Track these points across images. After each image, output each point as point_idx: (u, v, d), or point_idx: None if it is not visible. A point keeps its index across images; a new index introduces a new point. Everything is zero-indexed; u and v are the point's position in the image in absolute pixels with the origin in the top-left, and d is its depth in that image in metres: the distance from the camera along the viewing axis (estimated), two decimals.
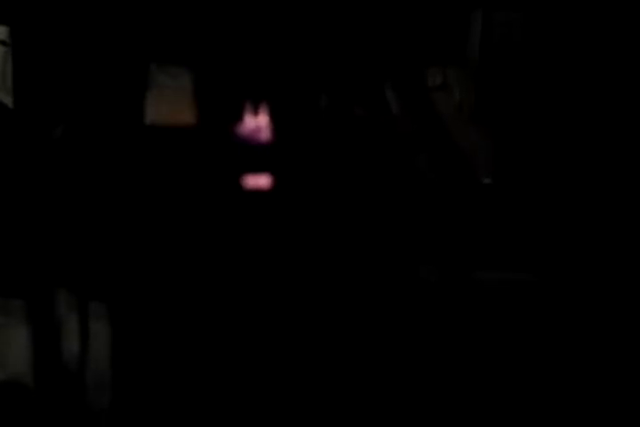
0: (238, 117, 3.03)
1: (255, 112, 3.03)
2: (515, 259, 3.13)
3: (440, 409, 2.83)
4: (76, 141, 2.98)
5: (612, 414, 2.81)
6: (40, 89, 3.01)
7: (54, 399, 2.79)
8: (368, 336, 2.96)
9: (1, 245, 2.99)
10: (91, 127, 2.98)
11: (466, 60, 3.27)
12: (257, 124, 3.02)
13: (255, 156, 3.02)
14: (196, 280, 2.97)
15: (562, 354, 2.96)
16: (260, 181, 3.02)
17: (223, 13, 3.05)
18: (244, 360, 2.88)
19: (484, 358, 2.93)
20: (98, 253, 2.98)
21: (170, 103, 3.02)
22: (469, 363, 2.91)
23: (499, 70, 3.25)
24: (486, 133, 3.27)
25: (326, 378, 2.85)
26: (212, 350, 2.90)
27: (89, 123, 2.98)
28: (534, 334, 3.00)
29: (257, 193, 3.02)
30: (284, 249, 3.02)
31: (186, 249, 2.99)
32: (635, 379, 2.88)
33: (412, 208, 3.14)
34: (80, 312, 2.92)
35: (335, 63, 3.10)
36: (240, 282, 2.99)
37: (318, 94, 3.08)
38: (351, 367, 2.89)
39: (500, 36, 3.24)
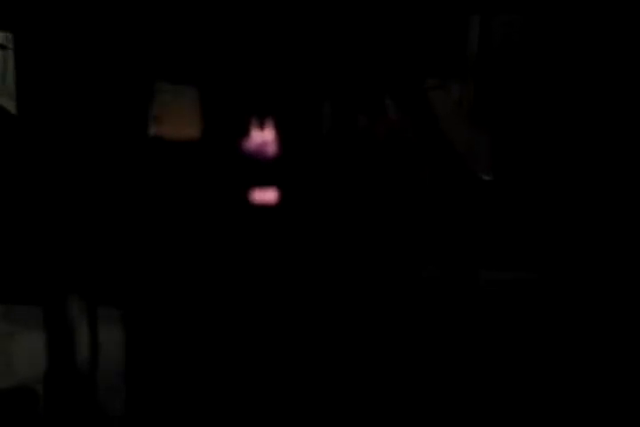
0: (245, 132, 3.04)
1: (261, 126, 3.04)
2: (515, 257, 3.19)
3: (442, 408, 2.93)
4: (85, 152, 2.99)
5: (613, 413, 2.91)
6: (44, 95, 3.00)
7: (66, 403, 2.87)
8: (374, 336, 3.04)
9: (12, 252, 3.03)
10: (97, 140, 2.99)
11: (465, 57, 3.27)
12: (263, 138, 3.03)
13: (262, 170, 3.04)
14: (205, 289, 3.03)
15: (564, 353, 3.05)
16: (266, 195, 3.05)
17: (228, 28, 3.03)
18: (255, 364, 2.97)
19: (487, 357, 3.02)
20: (109, 261, 3.02)
21: (175, 118, 3.02)
22: (472, 362, 3.00)
23: (498, 68, 3.26)
24: (485, 130, 3.29)
25: (332, 377, 2.95)
26: (222, 353, 2.98)
27: (94, 135, 2.99)
28: (536, 333, 3.08)
29: (264, 208, 3.05)
30: (291, 262, 3.07)
31: (194, 260, 3.04)
32: (635, 378, 2.98)
33: (413, 208, 3.18)
34: (91, 316, 2.98)
35: (337, 74, 3.10)
36: (248, 289, 3.05)
37: (322, 105, 3.09)
38: (355, 366, 2.98)
39: (498, 35, 3.24)
